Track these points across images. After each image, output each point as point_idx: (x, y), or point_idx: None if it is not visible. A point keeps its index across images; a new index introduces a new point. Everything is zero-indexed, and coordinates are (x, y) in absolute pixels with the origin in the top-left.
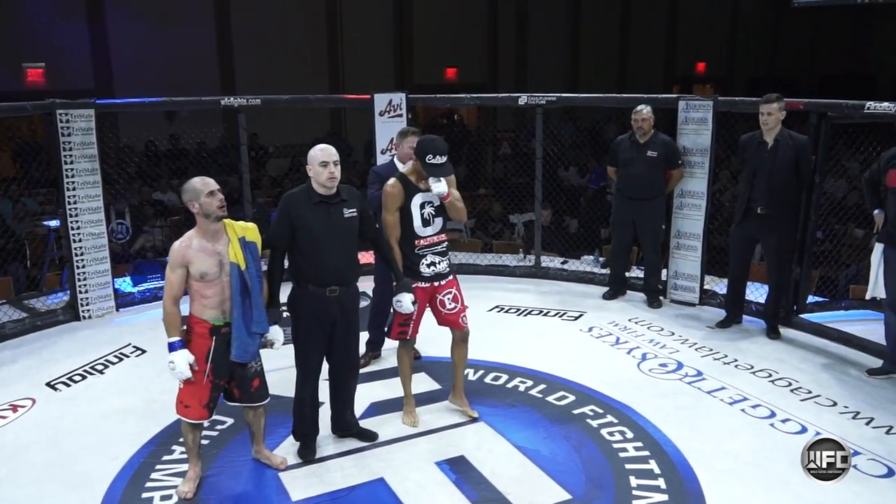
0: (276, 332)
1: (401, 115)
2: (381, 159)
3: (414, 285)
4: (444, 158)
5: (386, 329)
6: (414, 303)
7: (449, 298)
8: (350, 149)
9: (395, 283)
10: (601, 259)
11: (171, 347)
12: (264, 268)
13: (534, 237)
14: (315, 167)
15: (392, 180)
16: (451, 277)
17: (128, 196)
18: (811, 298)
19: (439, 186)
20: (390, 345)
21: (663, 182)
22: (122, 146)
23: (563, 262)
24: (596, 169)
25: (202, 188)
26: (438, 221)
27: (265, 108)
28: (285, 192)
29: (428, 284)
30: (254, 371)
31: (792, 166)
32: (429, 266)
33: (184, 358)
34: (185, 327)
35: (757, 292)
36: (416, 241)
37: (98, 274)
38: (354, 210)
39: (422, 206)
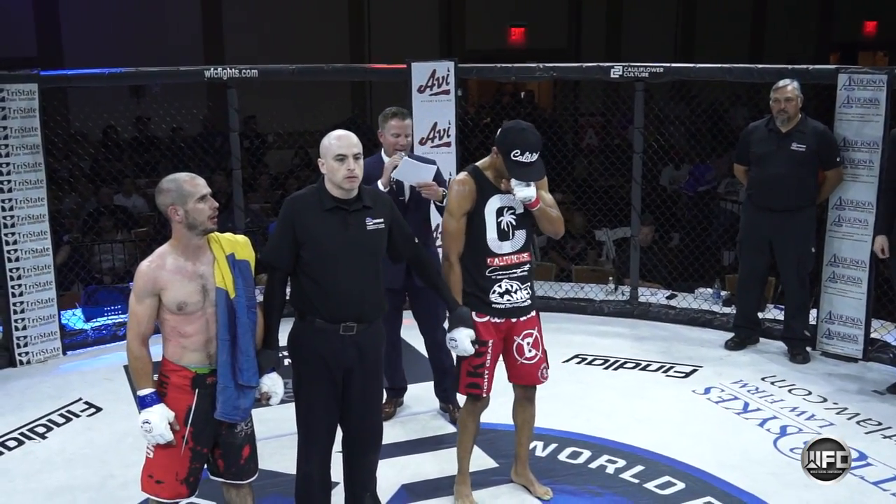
0: (273, 383)
1: (447, 92)
2: (420, 152)
3: (482, 319)
4: (536, 156)
5: (445, 408)
6: (475, 342)
7: (529, 343)
8: (377, 138)
9: (448, 314)
10: (724, 293)
11: (143, 402)
12: (259, 297)
13: (629, 261)
14: (329, 161)
15: (462, 174)
16: (533, 314)
17: (80, 199)
18: None
19: (525, 191)
20: (415, 393)
21: (814, 187)
22: (73, 133)
23: (669, 297)
24: (697, 166)
25: (192, 190)
26: (520, 235)
27: (263, 82)
28: (291, 195)
29: (502, 320)
30: (244, 436)
31: None
32: (503, 295)
33: (162, 415)
34: (156, 377)
35: None
36: (487, 260)
37: (40, 305)
38: (382, 221)
39: (499, 213)
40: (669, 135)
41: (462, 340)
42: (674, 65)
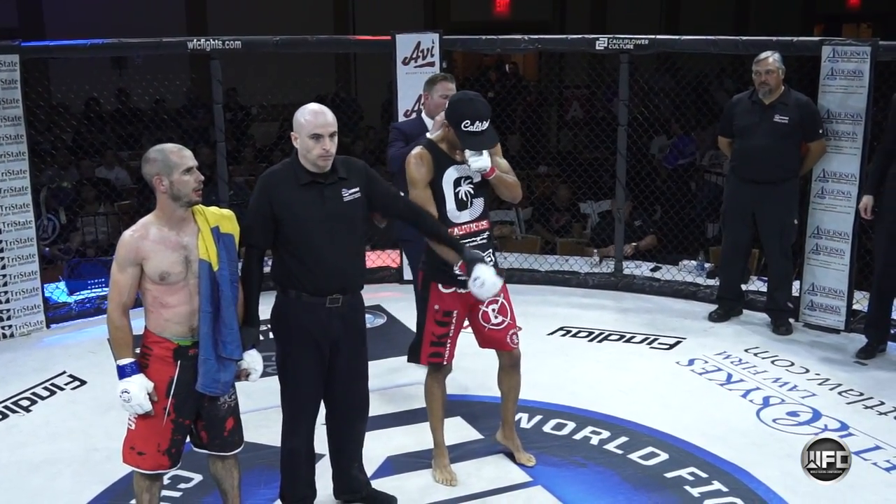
0: (253, 360)
1: (432, 64)
2: None
3: (449, 290)
4: (486, 124)
5: (409, 353)
6: (500, 275)
7: (494, 310)
8: (362, 111)
9: (461, 262)
10: (708, 265)
11: (123, 372)
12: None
13: (610, 233)
14: (303, 138)
15: (417, 149)
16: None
17: (62, 173)
18: None
19: (479, 161)
20: (399, 366)
21: (797, 159)
22: (55, 105)
23: (653, 269)
24: (681, 138)
25: (178, 161)
26: (478, 203)
27: (247, 53)
28: (266, 171)
29: (465, 290)
30: (227, 408)
31: None
32: None
33: (141, 385)
34: (138, 349)
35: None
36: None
37: (23, 278)
38: (357, 190)
39: (456, 184)
40: (654, 107)
41: (487, 278)
42: (659, 37)
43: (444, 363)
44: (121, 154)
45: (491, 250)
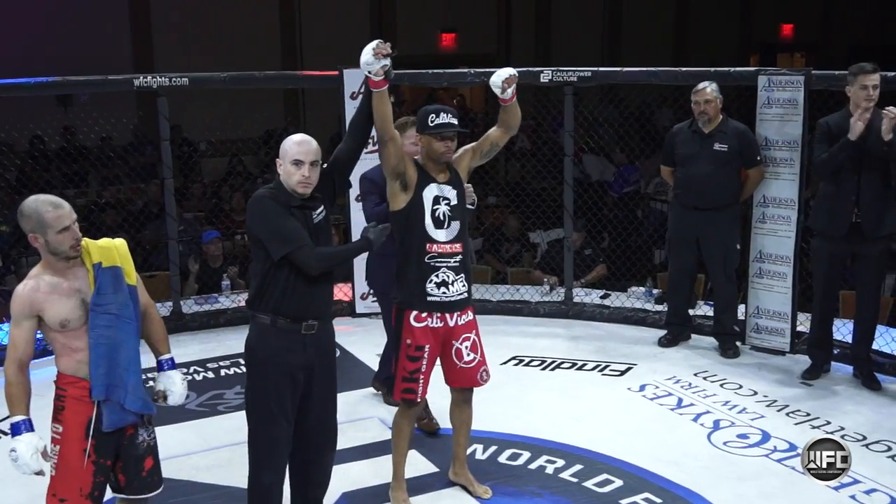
0: (168, 380)
1: None
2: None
3: (421, 324)
4: (453, 119)
5: (378, 387)
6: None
7: (467, 347)
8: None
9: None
10: (655, 291)
11: (15, 430)
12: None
13: (560, 262)
14: (286, 164)
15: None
16: (470, 316)
17: (5, 213)
18: None
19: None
20: (354, 400)
21: (737, 185)
22: None
23: (603, 297)
24: (625, 167)
25: (53, 222)
26: (455, 226)
27: (194, 90)
28: (256, 194)
29: (440, 324)
30: (146, 446)
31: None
32: (439, 286)
33: (29, 444)
34: (54, 391)
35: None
36: (427, 245)
37: None
38: (322, 209)
39: (435, 202)
40: (599, 137)
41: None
42: (601, 69)
43: (418, 400)
44: (67, 192)
45: (464, 275)
